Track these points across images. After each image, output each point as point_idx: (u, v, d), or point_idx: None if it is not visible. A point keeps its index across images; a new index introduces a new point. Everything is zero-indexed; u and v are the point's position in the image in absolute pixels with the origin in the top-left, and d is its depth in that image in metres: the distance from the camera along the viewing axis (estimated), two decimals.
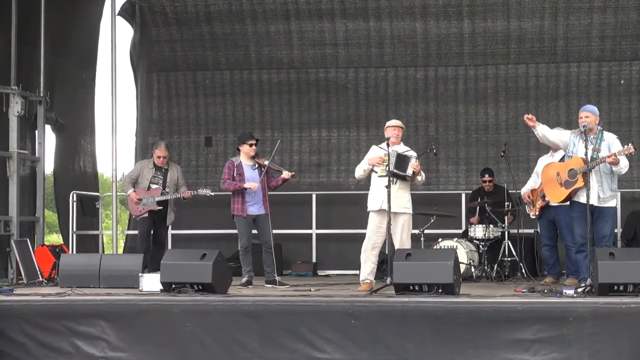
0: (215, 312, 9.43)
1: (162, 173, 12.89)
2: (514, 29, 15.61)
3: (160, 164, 12.90)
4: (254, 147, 11.86)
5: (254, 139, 11.99)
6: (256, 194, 11.72)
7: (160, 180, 12.85)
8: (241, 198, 11.71)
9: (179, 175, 13.04)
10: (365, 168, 11.35)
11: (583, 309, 8.92)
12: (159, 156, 12.89)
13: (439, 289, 9.54)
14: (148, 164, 13.02)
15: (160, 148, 12.99)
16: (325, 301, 9.64)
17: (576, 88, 15.71)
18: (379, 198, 11.15)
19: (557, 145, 10.99)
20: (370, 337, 9.13)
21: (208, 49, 16.46)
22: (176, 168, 13.16)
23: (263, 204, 11.77)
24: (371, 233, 11.26)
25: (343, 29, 16.00)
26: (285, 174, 11.92)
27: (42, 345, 9.66)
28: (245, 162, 11.83)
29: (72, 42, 15.90)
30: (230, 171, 11.79)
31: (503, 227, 13.18)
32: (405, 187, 11.25)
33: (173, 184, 12.88)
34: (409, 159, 11.19)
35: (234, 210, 11.76)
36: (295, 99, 16.48)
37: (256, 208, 11.74)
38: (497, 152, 14.68)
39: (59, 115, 14.84)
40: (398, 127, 11.40)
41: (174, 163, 13.57)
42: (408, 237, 11.21)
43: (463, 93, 16.09)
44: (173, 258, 10.55)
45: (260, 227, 11.74)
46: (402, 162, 11.13)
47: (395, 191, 11.04)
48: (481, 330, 8.96)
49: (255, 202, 11.74)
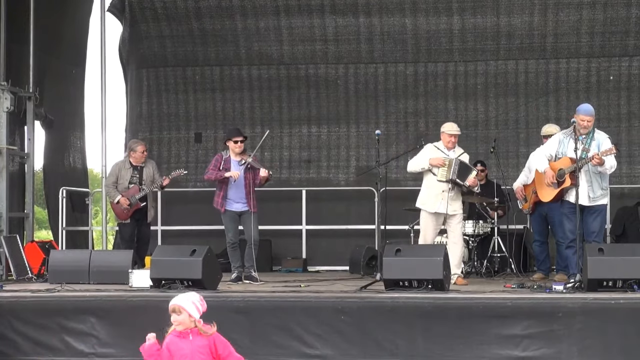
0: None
1: (139, 171, 12.90)
2: (503, 25, 15.61)
3: (139, 161, 12.86)
4: (239, 144, 11.70)
5: (241, 135, 11.81)
6: (239, 190, 11.60)
7: (137, 178, 12.85)
8: (222, 192, 11.66)
9: (154, 170, 13.02)
10: (423, 166, 11.49)
11: (572, 304, 8.96)
12: (142, 152, 12.89)
13: (429, 284, 9.56)
14: (124, 164, 13.00)
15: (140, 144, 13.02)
16: (315, 297, 9.66)
17: (565, 84, 15.73)
18: (436, 200, 11.33)
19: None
20: (360, 333, 9.14)
21: (198, 44, 16.42)
22: (151, 164, 13.16)
23: (247, 201, 11.65)
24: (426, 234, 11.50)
25: (333, 24, 15.99)
26: (262, 172, 11.62)
27: (32, 341, 9.66)
28: (233, 157, 11.76)
29: (62, 38, 15.86)
30: (217, 163, 11.70)
31: (493, 223, 13.19)
32: (459, 191, 11.53)
33: (150, 180, 12.87)
34: (469, 171, 11.43)
35: (214, 203, 11.72)
36: (285, 94, 16.46)
37: (240, 205, 11.65)
38: (486, 148, 14.67)
39: (49, 111, 14.80)
40: (454, 135, 11.58)
41: (150, 159, 13.56)
42: (461, 235, 11.65)
43: (453, 89, 16.09)
44: (163, 254, 10.55)
45: (245, 223, 11.69)
46: (465, 172, 11.31)
47: (452, 196, 11.31)
48: (471, 326, 8.98)
49: (238, 200, 11.65)
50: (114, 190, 12.82)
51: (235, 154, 11.73)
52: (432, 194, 11.39)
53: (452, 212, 11.35)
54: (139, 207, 12.77)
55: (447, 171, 11.29)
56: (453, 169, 11.23)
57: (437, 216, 11.38)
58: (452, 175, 11.22)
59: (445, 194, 11.27)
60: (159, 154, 16.36)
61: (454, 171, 11.23)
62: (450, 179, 11.23)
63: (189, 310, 6.72)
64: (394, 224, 12.29)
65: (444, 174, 11.29)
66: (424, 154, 11.60)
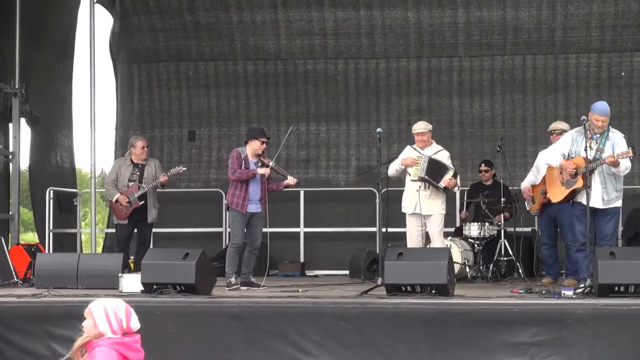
0: (199, 314, 9.41)
1: (140, 169, 12.87)
2: (510, 18, 15.62)
3: (140, 158, 12.85)
4: (264, 145, 11.66)
5: (265, 136, 11.74)
6: (256, 192, 11.56)
7: (137, 176, 12.83)
8: (244, 193, 11.56)
9: (157, 169, 12.98)
10: (397, 168, 11.84)
11: (582, 310, 8.93)
12: (143, 147, 12.87)
13: (432, 289, 9.53)
14: (125, 161, 12.99)
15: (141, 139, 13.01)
16: (314, 302, 9.63)
17: (575, 80, 15.74)
18: (412, 201, 11.61)
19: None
20: (361, 340, 9.11)
21: (191, 38, 16.42)
22: (154, 162, 13.13)
23: (262, 203, 11.63)
24: (410, 238, 11.74)
25: (332, 18, 15.99)
26: (290, 180, 11.75)
27: (17, 348, 9.63)
28: (250, 158, 11.70)
29: (49, 31, 15.84)
30: (238, 161, 11.54)
31: (499, 225, 13.18)
32: (438, 190, 11.70)
33: (151, 179, 12.84)
34: (444, 170, 11.59)
35: (232, 204, 11.51)
36: (283, 91, 16.46)
37: (253, 207, 11.61)
38: (492, 146, 14.68)
39: (34, 107, 14.76)
40: (421, 133, 11.87)
41: (152, 158, 13.55)
42: (440, 236, 11.79)
43: (457, 85, 16.10)
44: (154, 257, 10.53)
45: (253, 225, 11.61)
46: (436, 170, 11.47)
47: (427, 195, 11.53)
48: (476, 333, 8.95)
49: (255, 201, 11.61)
50: (113, 188, 12.78)
51: (253, 155, 11.66)
52: (408, 195, 11.78)
53: (427, 212, 11.63)
54: (137, 205, 12.73)
55: (418, 170, 11.64)
56: (422, 166, 11.60)
57: (416, 217, 11.70)
58: (421, 173, 11.57)
59: (418, 193, 11.59)
60: (151, 153, 16.16)
61: (423, 168, 11.59)
62: (420, 177, 11.57)
63: (96, 318, 5.61)
64: (395, 227, 12.26)
65: (416, 173, 11.69)
66: (401, 155, 12.01)
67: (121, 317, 5.60)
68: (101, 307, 5.60)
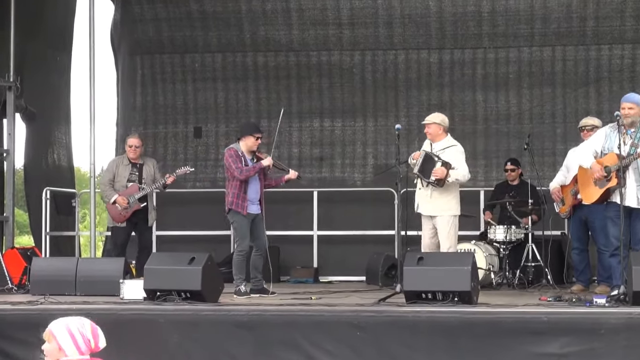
0: (205, 322, 9.44)
1: (138, 168, 12.92)
2: (538, 7, 15.58)
3: (134, 157, 12.90)
4: (259, 140, 11.73)
5: (260, 132, 11.83)
6: (254, 190, 11.61)
7: (136, 176, 12.87)
8: (243, 193, 11.58)
9: (156, 169, 13.05)
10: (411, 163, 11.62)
11: (616, 320, 8.91)
12: (130, 145, 12.92)
13: (455, 297, 9.54)
14: (122, 160, 13.05)
15: (133, 137, 13.07)
16: (328, 311, 9.64)
17: (608, 73, 15.70)
18: (416, 200, 11.49)
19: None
20: (378, 351, 9.13)
21: (198, 28, 16.44)
22: (152, 162, 13.20)
23: (260, 203, 11.69)
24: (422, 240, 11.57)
25: (348, 6, 15.98)
26: (292, 174, 11.83)
27: (12, 358, 9.67)
28: (245, 154, 11.74)
29: (45, 21, 15.87)
30: (238, 159, 11.57)
31: (526, 229, 13.16)
32: (440, 189, 11.35)
33: (150, 180, 12.89)
34: (433, 163, 11.26)
35: (232, 205, 11.50)
36: (295, 85, 16.47)
37: (254, 207, 11.64)
38: (519, 144, 14.65)
39: (30, 102, 14.77)
40: (425, 124, 11.63)
41: (149, 157, 13.56)
42: (448, 239, 11.33)
43: (482, 79, 16.07)
44: (158, 262, 10.56)
45: (257, 228, 11.67)
46: (427, 165, 11.28)
47: (429, 193, 11.24)
48: (502, 344, 8.95)
49: (255, 201, 11.64)
50: (110, 189, 12.82)
51: (249, 152, 11.68)
52: (416, 194, 11.57)
53: (429, 212, 11.38)
54: (138, 208, 12.78)
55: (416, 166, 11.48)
56: (418, 162, 11.37)
57: (426, 219, 11.47)
58: (415, 169, 11.37)
59: (420, 192, 11.42)
60: (154, 150, 16.37)
61: (417, 164, 11.36)
62: (414, 173, 11.38)
63: (60, 340, 5.40)
64: (415, 229, 12.28)
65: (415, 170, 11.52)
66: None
67: (88, 336, 5.43)
68: (64, 328, 5.40)
